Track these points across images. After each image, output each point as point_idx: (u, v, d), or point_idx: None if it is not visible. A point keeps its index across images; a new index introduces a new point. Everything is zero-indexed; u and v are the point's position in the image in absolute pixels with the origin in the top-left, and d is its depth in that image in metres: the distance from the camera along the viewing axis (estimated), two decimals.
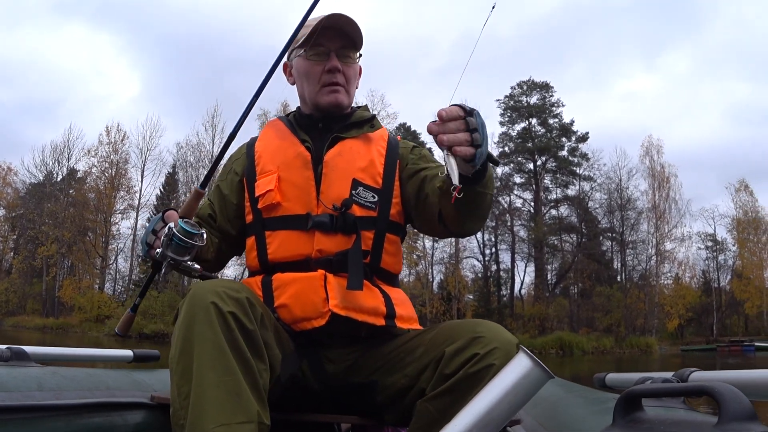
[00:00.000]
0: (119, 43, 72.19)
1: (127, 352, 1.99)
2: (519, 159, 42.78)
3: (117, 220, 40.68)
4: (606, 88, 66.88)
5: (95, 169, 40.44)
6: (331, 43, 1.56)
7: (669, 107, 64.93)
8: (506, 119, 43.27)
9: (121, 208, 40.49)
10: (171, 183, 41.04)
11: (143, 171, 40.34)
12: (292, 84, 1.67)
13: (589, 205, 41.57)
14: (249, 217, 1.56)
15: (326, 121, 1.61)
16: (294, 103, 2.35)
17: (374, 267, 1.51)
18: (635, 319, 36.46)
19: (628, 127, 60.91)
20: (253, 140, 1.66)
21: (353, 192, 1.49)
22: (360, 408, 1.46)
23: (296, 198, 1.50)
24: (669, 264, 39.31)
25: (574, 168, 42.02)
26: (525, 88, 43.26)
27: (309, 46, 1.56)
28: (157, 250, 1.30)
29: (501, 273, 41.37)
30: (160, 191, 41.24)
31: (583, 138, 42.30)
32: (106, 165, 39.75)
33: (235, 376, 1.12)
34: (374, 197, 1.51)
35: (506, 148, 42.73)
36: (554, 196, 42.89)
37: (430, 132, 1.14)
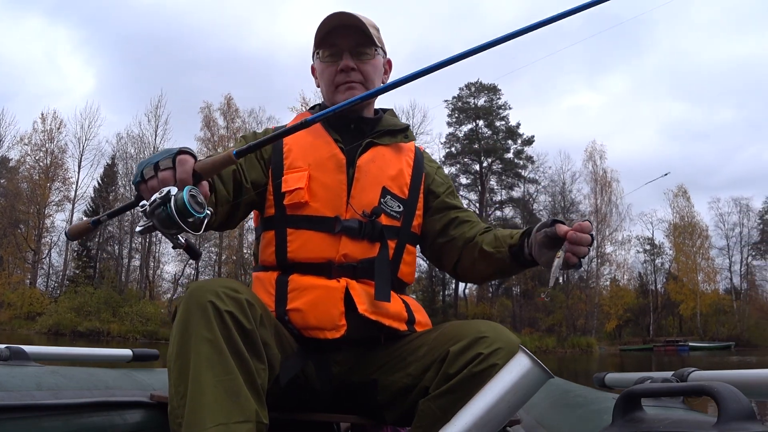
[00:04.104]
0: (76, 38, 69.57)
1: (127, 352, 1.96)
2: (465, 160, 43.51)
3: (51, 212, 39.23)
4: (551, 102, 69.80)
5: (29, 158, 38.88)
6: (344, 42, 1.54)
7: (610, 122, 69.53)
8: (453, 120, 43.92)
9: (56, 199, 39.11)
10: (110, 175, 39.78)
11: (80, 161, 39.07)
12: (318, 87, 1.65)
13: (533, 207, 42.67)
14: (270, 211, 1.51)
15: (358, 122, 1.59)
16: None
17: (393, 276, 1.51)
18: (576, 320, 37.62)
19: (571, 138, 65.60)
20: None
21: (382, 200, 1.49)
22: (360, 407, 1.45)
23: (326, 200, 1.47)
24: (609, 266, 40.77)
25: (520, 170, 43.01)
26: (473, 89, 43.95)
27: (322, 47, 1.55)
28: (144, 202, 1.06)
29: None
30: (98, 183, 39.95)
31: (529, 141, 43.38)
32: (41, 154, 38.31)
33: (232, 376, 1.11)
34: (400, 207, 1.52)
35: (453, 149, 43.33)
36: (499, 198, 43.86)
37: (568, 236, 1.28)
